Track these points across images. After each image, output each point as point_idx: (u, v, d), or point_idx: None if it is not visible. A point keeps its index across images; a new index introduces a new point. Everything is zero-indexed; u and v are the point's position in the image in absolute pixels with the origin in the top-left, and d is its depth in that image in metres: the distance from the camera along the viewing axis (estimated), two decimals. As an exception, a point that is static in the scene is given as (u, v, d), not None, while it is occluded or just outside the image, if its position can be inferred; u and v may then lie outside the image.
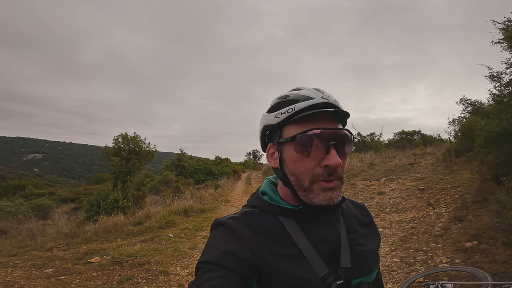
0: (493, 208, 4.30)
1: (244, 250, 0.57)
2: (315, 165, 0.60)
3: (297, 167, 0.61)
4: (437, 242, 4.39)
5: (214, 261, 0.55)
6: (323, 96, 0.63)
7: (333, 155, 0.59)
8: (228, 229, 0.61)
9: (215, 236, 0.62)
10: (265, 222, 0.64)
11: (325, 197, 0.60)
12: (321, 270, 0.60)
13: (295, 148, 0.61)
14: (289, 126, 0.63)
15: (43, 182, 39.51)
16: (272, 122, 0.65)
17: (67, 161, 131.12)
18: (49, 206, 14.01)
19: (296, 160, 0.61)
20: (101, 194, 8.97)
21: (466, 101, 10.43)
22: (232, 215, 0.65)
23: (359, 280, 0.65)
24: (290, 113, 0.62)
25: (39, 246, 6.61)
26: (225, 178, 18.51)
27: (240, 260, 0.56)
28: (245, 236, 0.59)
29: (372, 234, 0.75)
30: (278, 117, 0.64)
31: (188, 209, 8.49)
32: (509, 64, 4.01)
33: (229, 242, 0.58)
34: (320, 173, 0.60)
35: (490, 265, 3.26)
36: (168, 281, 4.00)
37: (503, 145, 4.14)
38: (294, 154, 0.61)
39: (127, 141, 10.14)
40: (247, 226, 0.61)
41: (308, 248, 0.61)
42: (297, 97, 0.64)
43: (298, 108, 0.61)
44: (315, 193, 0.60)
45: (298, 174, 0.61)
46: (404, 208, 6.52)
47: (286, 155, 0.64)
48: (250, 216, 0.65)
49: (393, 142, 18.62)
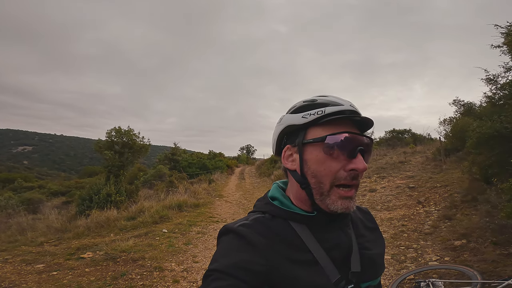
0: (484, 208, 4.39)
1: (257, 258, 0.57)
2: (340, 168, 0.61)
3: (322, 169, 0.62)
4: (426, 240, 4.48)
5: (224, 270, 0.54)
6: (351, 105, 0.65)
7: (360, 159, 0.61)
8: (240, 237, 0.60)
9: (226, 243, 0.61)
10: (277, 228, 0.63)
11: (343, 205, 0.61)
12: (333, 275, 0.60)
13: (323, 148, 0.61)
14: (316, 128, 0.64)
15: (33, 175, 38.85)
16: (298, 123, 0.65)
17: (57, 154, 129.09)
18: (39, 199, 13.81)
19: (321, 161, 0.62)
20: (93, 188, 8.86)
21: (459, 102, 10.61)
22: (242, 222, 0.64)
23: (367, 284, 0.67)
24: (320, 115, 0.63)
25: (29, 241, 6.52)
26: (218, 173, 18.53)
27: (252, 270, 0.55)
28: (259, 244, 0.59)
29: (377, 238, 0.77)
30: (306, 118, 0.64)
31: (182, 204, 8.47)
32: (507, 68, 4.07)
33: (241, 251, 0.58)
34: (343, 176, 0.60)
35: (479, 263, 3.33)
36: (163, 277, 4.00)
37: (495, 146, 4.24)
38: (320, 155, 0.62)
39: (120, 134, 10.05)
40: (259, 234, 0.61)
41: (321, 254, 0.62)
42: (327, 101, 0.65)
43: (328, 112, 0.62)
44: (333, 200, 0.61)
45: (320, 176, 0.62)
46: (394, 205, 6.63)
47: (309, 156, 0.64)
48: (262, 223, 0.64)
49: (384, 140, 18.87)
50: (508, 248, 3.43)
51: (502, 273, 2.98)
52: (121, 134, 10.10)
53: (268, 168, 18.57)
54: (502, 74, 4.18)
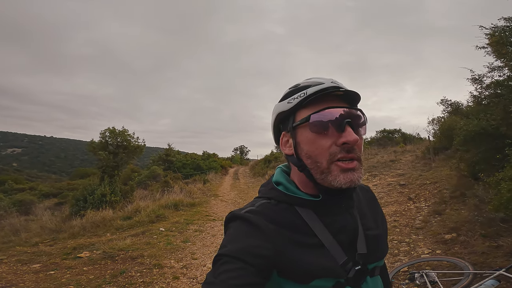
0: (472, 202, 4.51)
1: (265, 243, 0.57)
2: (331, 144, 0.60)
3: (313, 148, 0.61)
4: (418, 234, 4.60)
5: (233, 255, 0.55)
6: (333, 81, 0.64)
7: (349, 131, 0.59)
8: (248, 223, 0.60)
9: (234, 229, 0.61)
10: (283, 213, 0.64)
11: (346, 179, 0.59)
12: (340, 257, 0.61)
13: (310, 128, 0.61)
14: (302, 110, 0.64)
15: (23, 177, 38.04)
16: (285, 108, 0.66)
17: (48, 156, 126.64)
18: (30, 201, 13.58)
19: (311, 141, 0.62)
20: (87, 188, 8.81)
21: (446, 101, 10.92)
22: (249, 208, 0.64)
23: (374, 265, 0.67)
24: (303, 97, 0.63)
25: (24, 241, 6.46)
26: (213, 173, 18.53)
27: (260, 254, 0.56)
28: (266, 229, 0.59)
29: (379, 215, 0.77)
30: (291, 102, 0.65)
31: (178, 203, 8.49)
32: (491, 68, 4.24)
33: (249, 236, 0.58)
34: (337, 151, 0.59)
35: (469, 255, 3.41)
36: (162, 274, 4.03)
37: (481, 143, 4.40)
38: (309, 135, 0.62)
39: (115, 135, 10.00)
40: (266, 219, 0.61)
41: (327, 237, 0.62)
42: (308, 83, 0.66)
43: (310, 92, 0.62)
44: (334, 175, 0.59)
45: (314, 156, 0.61)
46: (386, 202, 6.77)
47: (300, 138, 0.64)
48: (268, 209, 0.64)
49: (375, 140, 19.21)
50: (497, 240, 3.48)
51: (493, 264, 3.04)
52: (115, 134, 10.05)
53: (262, 168, 18.69)
54: (487, 74, 4.36)
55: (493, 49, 3.95)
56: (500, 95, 3.92)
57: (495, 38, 3.84)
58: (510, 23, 3.87)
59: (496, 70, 4.22)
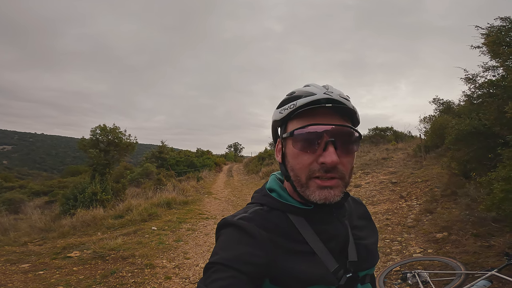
0: (463, 201, 4.55)
1: (257, 251, 0.57)
2: (312, 161, 0.60)
3: (296, 163, 0.62)
4: (410, 233, 4.64)
5: (225, 262, 0.54)
6: (326, 92, 0.61)
7: (330, 152, 0.58)
8: (240, 229, 0.60)
9: (226, 236, 0.61)
10: (276, 221, 0.64)
11: (321, 196, 0.59)
12: (331, 265, 0.61)
13: (293, 143, 0.62)
14: (292, 121, 0.64)
15: (13, 175, 37.34)
16: (278, 118, 0.66)
17: (38, 153, 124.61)
18: (20, 199, 13.34)
19: (295, 155, 0.62)
20: (78, 187, 8.69)
21: (438, 100, 11.04)
22: (241, 215, 0.64)
23: (365, 273, 0.68)
24: (292, 108, 0.62)
25: (12, 241, 6.33)
26: (206, 170, 18.46)
27: (252, 262, 0.55)
28: (259, 237, 0.59)
29: (370, 227, 0.78)
30: (282, 113, 0.65)
31: (171, 202, 8.41)
32: (486, 68, 4.27)
33: (241, 244, 0.58)
34: (316, 169, 0.59)
35: (461, 255, 3.43)
36: (154, 274, 3.99)
37: (472, 142, 4.44)
38: (294, 149, 0.62)
39: (105, 132, 9.84)
40: (259, 226, 0.60)
41: (318, 245, 0.62)
42: (301, 93, 0.64)
43: (299, 104, 0.61)
44: (311, 190, 0.60)
45: (296, 170, 0.62)
46: (378, 200, 6.82)
47: (288, 150, 0.64)
48: (261, 215, 0.64)
49: (368, 137, 19.35)
50: (489, 240, 3.50)
51: (484, 264, 3.05)
52: (106, 132, 9.90)
53: (256, 165, 18.69)
54: (481, 73, 4.39)
55: (489, 49, 3.98)
56: (494, 95, 3.94)
57: (492, 38, 3.86)
58: (507, 23, 3.89)
59: (491, 70, 4.25)
